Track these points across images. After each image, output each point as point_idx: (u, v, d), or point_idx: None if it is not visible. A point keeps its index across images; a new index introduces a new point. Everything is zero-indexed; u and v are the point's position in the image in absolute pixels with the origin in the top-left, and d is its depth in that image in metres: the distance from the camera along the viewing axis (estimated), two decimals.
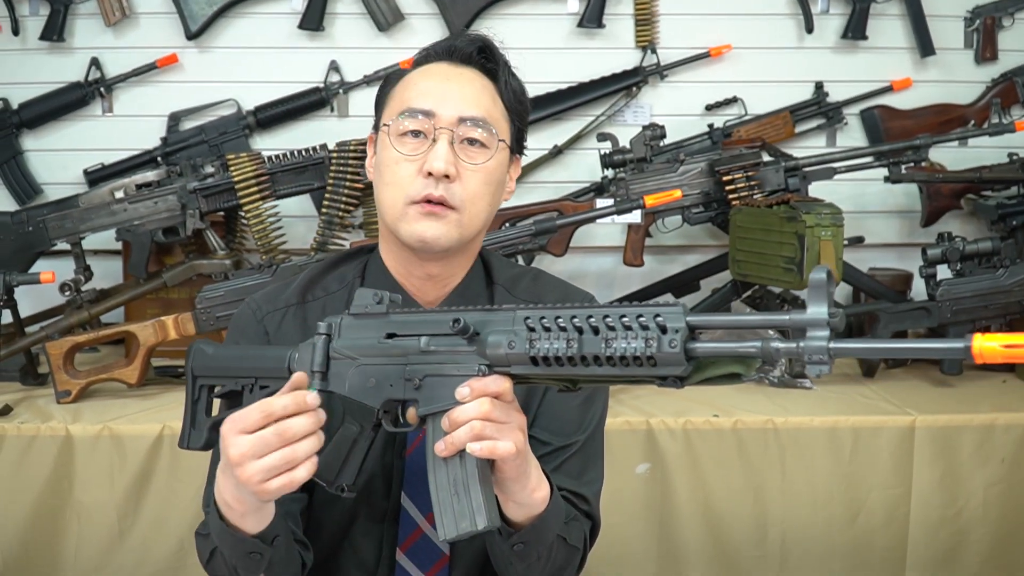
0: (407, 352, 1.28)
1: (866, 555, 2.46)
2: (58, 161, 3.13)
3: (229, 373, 1.41)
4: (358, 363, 1.31)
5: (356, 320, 1.32)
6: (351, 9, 3.12)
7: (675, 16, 3.18)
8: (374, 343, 1.30)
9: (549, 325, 1.19)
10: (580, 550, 1.48)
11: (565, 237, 2.76)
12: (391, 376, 1.29)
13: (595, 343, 1.16)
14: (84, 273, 2.75)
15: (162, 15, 3.09)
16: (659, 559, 2.45)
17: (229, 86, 3.12)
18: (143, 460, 2.37)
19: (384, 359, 1.30)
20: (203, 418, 1.42)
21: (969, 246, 2.66)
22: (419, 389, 1.27)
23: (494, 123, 1.45)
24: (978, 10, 3.21)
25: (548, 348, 1.18)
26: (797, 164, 2.83)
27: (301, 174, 2.75)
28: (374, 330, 1.30)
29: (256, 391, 1.36)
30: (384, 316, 1.31)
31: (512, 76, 1.51)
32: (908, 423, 2.43)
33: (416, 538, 1.53)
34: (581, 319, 1.17)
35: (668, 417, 2.42)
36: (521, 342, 1.20)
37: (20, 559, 2.39)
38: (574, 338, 1.17)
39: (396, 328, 1.30)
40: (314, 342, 1.32)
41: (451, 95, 1.43)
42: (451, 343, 1.26)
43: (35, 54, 3.10)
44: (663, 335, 1.13)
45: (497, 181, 1.48)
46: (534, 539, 1.35)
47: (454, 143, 1.42)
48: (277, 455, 1.21)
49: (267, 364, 1.38)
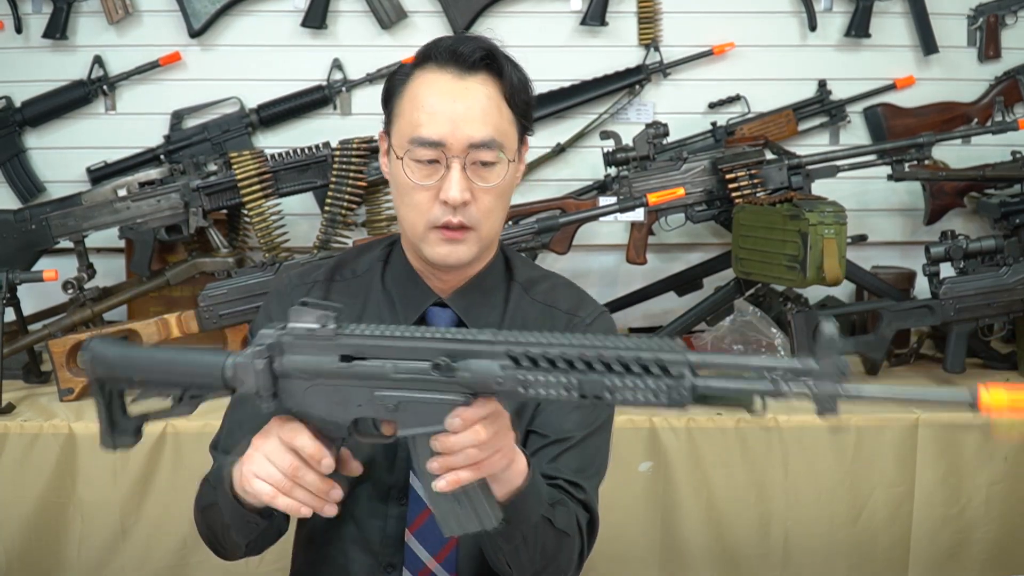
0: (373, 377, 1.25)
1: (869, 553, 2.46)
2: (61, 159, 3.13)
3: (148, 380, 1.33)
4: (314, 383, 1.27)
5: (300, 340, 1.27)
6: (354, 7, 3.11)
7: (678, 14, 3.17)
8: (329, 366, 1.26)
9: (540, 361, 1.17)
10: (572, 537, 1.47)
11: (568, 235, 2.76)
12: (358, 397, 1.27)
13: (596, 381, 1.14)
14: (87, 271, 2.76)
15: (165, 13, 3.09)
16: (662, 557, 2.45)
17: (232, 84, 3.12)
18: (146, 458, 2.38)
19: (346, 382, 1.26)
20: (122, 417, 1.34)
21: (972, 244, 2.65)
22: (395, 411, 1.26)
23: (503, 136, 1.47)
24: (981, 8, 3.21)
25: (544, 384, 1.16)
26: (800, 162, 2.83)
27: (304, 172, 2.75)
28: (325, 351, 1.26)
29: (186, 400, 1.32)
30: (334, 338, 1.26)
31: (516, 70, 1.52)
32: (911, 421, 2.44)
33: (424, 519, 1.54)
34: (575, 356, 1.16)
35: (671, 416, 2.41)
36: (510, 378, 1.18)
37: (23, 557, 2.40)
38: (572, 379, 1.15)
39: (352, 351, 1.26)
40: (253, 364, 1.27)
41: (460, 119, 1.45)
42: (425, 374, 1.23)
43: (38, 52, 3.10)
44: (669, 377, 1.12)
45: (511, 187, 1.52)
46: (515, 516, 1.34)
47: (466, 167, 1.45)
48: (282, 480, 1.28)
49: (197, 375, 1.32)
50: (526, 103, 1.52)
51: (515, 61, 1.53)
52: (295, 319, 1.27)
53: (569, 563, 1.49)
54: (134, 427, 1.34)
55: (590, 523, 1.52)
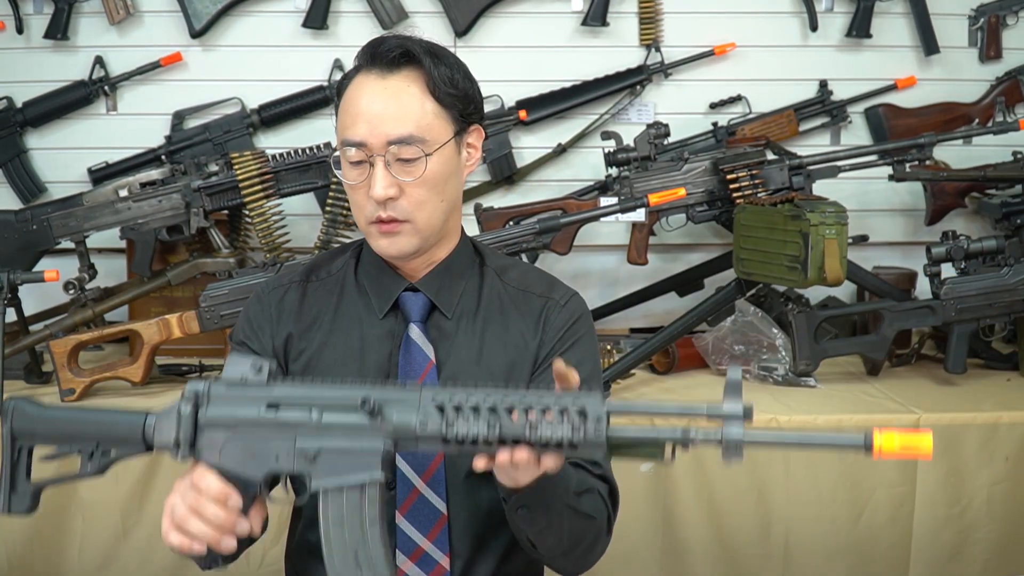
0: (295, 425, 1.27)
1: (870, 553, 2.46)
2: (62, 160, 3.13)
3: (64, 439, 1.35)
4: (234, 434, 1.28)
5: (230, 389, 1.30)
6: (355, 8, 3.11)
7: (679, 14, 3.17)
8: (255, 414, 1.28)
9: (462, 407, 1.23)
10: (598, 519, 1.51)
11: (569, 235, 2.76)
12: (277, 448, 1.28)
13: (517, 428, 1.21)
14: (88, 271, 2.76)
15: (166, 14, 3.09)
16: (663, 557, 2.46)
17: (233, 84, 3.12)
18: (147, 459, 2.37)
19: (267, 430, 1.28)
20: (24, 480, 1.37)
21: (973, 244, 2.66)
22: (314, 462, 1.28)
23: (425, 130, 1.51)
24: (982, 8, 3.21)
25: (467, 430, 1.22)
26: (801, 162, 2.84)
27: (305, 173, 2.76)
28: (253, 401, 1.29)
29: (97, 457, 1.33)
30: (266, 387, 1.30)
31: (439, 65, 1.54)
32: (912, 421, 2.44)
33: (414, 500, 1.56)
34: (497, 403, 1.22)
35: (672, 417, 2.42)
36: (434, 422, 1.23)
37: (24, 558, 2.40)
38: (495, 422, 1.21)
39: (280, 399, 1.29)
40: (179, 409, 1.30)
41: (377, 118, 1.50)
42: (349, 419, 1.26)
43: (39, 52, 3.10)
44: (587, 422, 1.19)
45: (444, 178, 1.55)
46: (534, 502, 1.38)
47: (390, 165, 1.50)
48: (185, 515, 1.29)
49: (116, 430, 1.34)
50: (455, 95, 1.54)
51: (441, 54, 1.56)
52: (230, 367, 1.31)
53: (597, 541, 1.53)
54: (32, 492, 1.37)
55: (611, 493, 1.57)
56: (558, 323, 1.61)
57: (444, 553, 1.57)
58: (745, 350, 2.77)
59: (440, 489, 1.56)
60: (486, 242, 2.37)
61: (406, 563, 1.56)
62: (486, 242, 2.37)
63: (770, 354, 2.75)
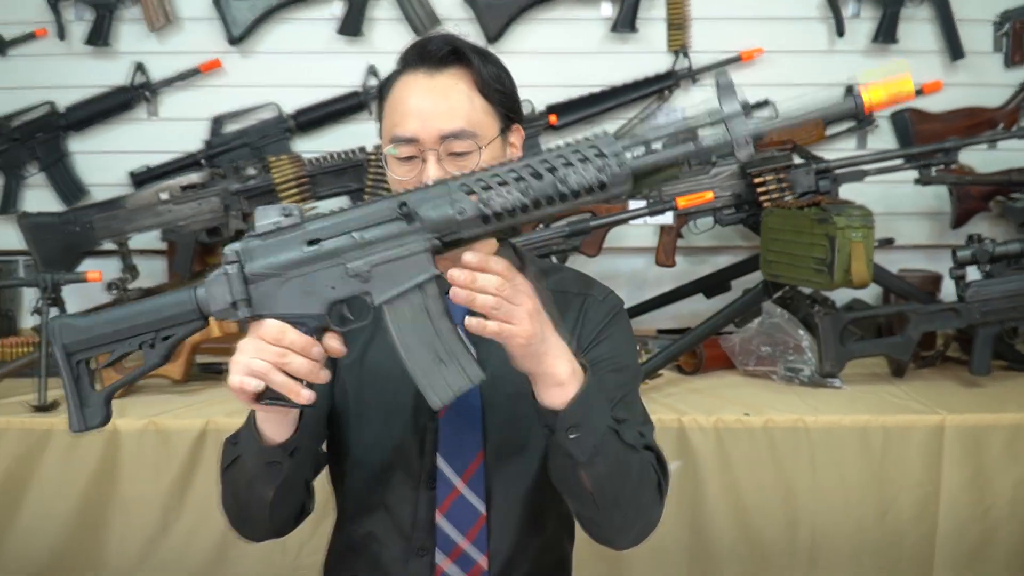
0: (341, 251, 1.29)
1: (895, 552, 2.46)
2: (104, 163, 3.17)
3: (121, 336, 1.34)
4: (285, 278, 1.29)
5: (266, 240, 1.31)
6: (389, 15, 3.15)
7: (707, 20, 3.19)
8: (298, 254, 1.29)
9: (490, 184, 1.26)
10: (643, 456, 1.47)
11: (598, 238, 2.80)
12: (330, 278, 1.30)
13: (548, 185, 1.24)
14: (130, 272, 2.81)
15: (205, 21, 3.14)
16: (691, 553, 2.47)
17: (270, 90, 3.15)
18: (187, 454, 2.41)
19: (315, 265, 1.29)
20: (90, 392, 1.35)
21: (998, 248, 2.65)
22: (368, 279, 1.30)
23: (476, 125, 1.50)
24: (1007, 14, 3.21)
25: (503, 202, 1.25)
26: (828, 166, 2.84)
27: (340, 176, 2.80)
28: (293, 243, 1.30)
29: (159, 344, 1.33)
30: (299, 227, 1.30)
31: (487, 63, 1.54)
32: (937, 422, 2.44)
33: (454, 499, 1.57)
34: (523, 170, 1.25)
35: (700, 415, 2.44)
36: (471, 206, 1.26)
37: (65, 551, 2.43)
38: (527, 186, 1.25)
39: (318, 235, 1.30)
40: (225, 271, 1.30)
41: (429, 114, 1.49)
42: (389, 230, 1.28)
43: (80, 58, 3.15)
44: (607, 159, 1.23)
45: None
46: (582, 419, 1.37)
47: (442, 159, 1.48)
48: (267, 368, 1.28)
49: (167, 312, 1.33)
50: (502, 92, 1.54)
51: (487, 54, 1.57)
52: (260, 219, 1.31)
53: (649, 489, 1.48)
54: (103, 400, 1.35)
55: (659, 459, 1.53)
56: (596, 317, 1.62)
57: (483, 553, 1.58)
58: (772, 351, 2.76)
59: (480, 490, 1.56)
60: (517, 244, 2.38)
61: (445, 561, 1.57)
62: (517, 244, 2.38)
63: (796, 355, 2.75)
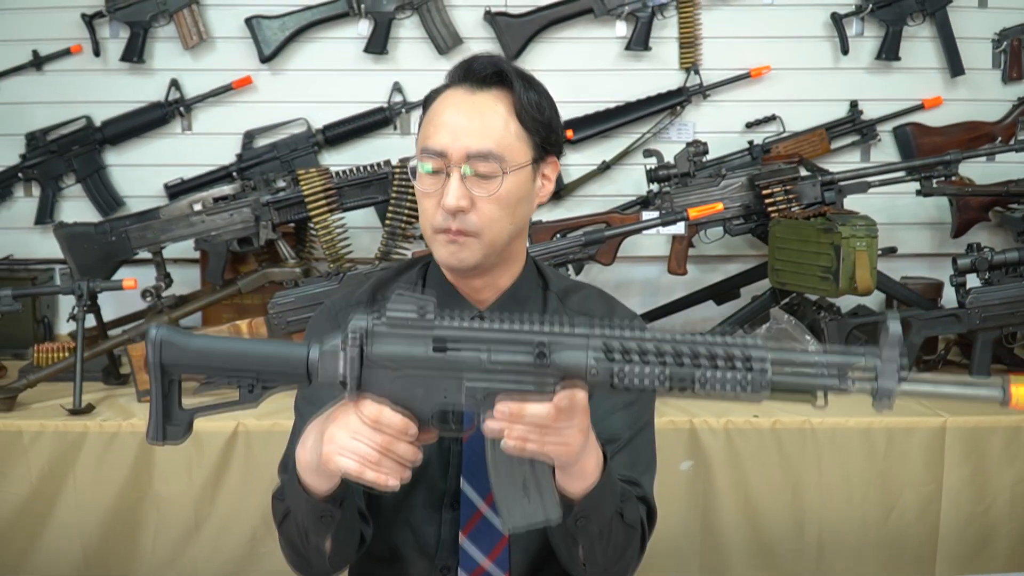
0: (465, 366, 1.23)
1: (899, 549, 2.50)
2: (139, 175, 3.22)
3: (226, 372, 1.29)
4: (400, 373, 1.24)
5: (394, 328, 1.24)
6: (413, 34, 3.20)
7: (717, 39, 3.25)
8: (421, 355, 1.23)
9: (630, 352, 1.19)
10: (638, 530, 1.48)
11: (613, 247, 2.82)
12: (445, 387, 1.24)
13: (686, 376, 1.17)
14: (164, 280, 2.82)
15: (237, 39, 3.20)
16: (702, 550, 2.51)
17: (300, 106, 3.22)
18: (219, 455, 2.44)
19: (436, 372, 1.24)
20: (178, 409, 1.30)
21: (997, 256, 2.69)
22: (482, 402, 1.24)
23: (505, 149, 1.48)
24: (1005, 32, 3.27)
25: (635, 379, 1.19)
26: (833, 178, 2.89)
27: (366, 188, 2.81)
28: (419, 341, 1.24)
29: (257, 389, 1.28)
30: (429, 328, 1.24)
31: (529, 90, 1.52)
32: (939, 424, 2.47)
33: (476, 521, 1.56)
34: (667, 351, 1.18)
35: (710, 417, 2.47)
36: (604, 371, 1.19)
37: (100, 549, 2.47)
38: (664, 372, 1.18)
39: (446, 340, 1.23)
40: (343, 350, 1.25)
41: (460, 130, 1.47)
42: (517, 359, 1.22)
43: (116, 75, 3.21)
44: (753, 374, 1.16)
45: (516, 200, 1.52)
46: (592, 510, 1.35)
47: (465, 178, 1.47)
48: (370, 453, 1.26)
49: (277, 367, 1.28)
50: (540, 121, 1.52)
51: (532, 80, 1.54)
52: (394, 304, 1.25)
53: (634, 555, 1.50)
54: (187, 420, 1.31)
55: (649, 514, 1.54)
56: None
57: (504, 572, 1.57)
58: None
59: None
60: (535, 253, 2.37)
61: None
62: (535, 253, 2.37)
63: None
